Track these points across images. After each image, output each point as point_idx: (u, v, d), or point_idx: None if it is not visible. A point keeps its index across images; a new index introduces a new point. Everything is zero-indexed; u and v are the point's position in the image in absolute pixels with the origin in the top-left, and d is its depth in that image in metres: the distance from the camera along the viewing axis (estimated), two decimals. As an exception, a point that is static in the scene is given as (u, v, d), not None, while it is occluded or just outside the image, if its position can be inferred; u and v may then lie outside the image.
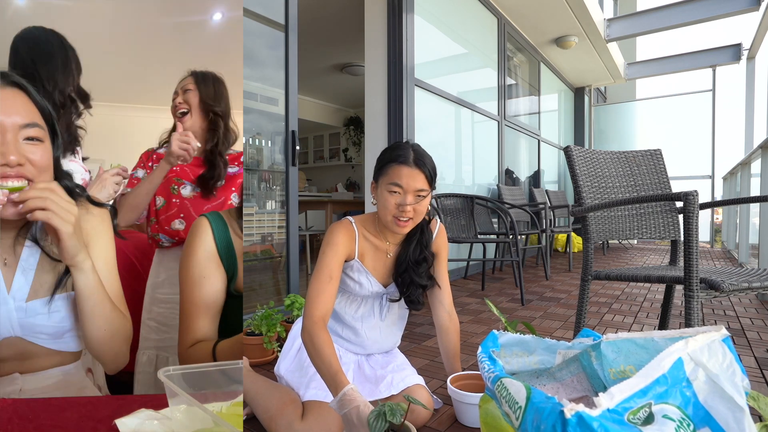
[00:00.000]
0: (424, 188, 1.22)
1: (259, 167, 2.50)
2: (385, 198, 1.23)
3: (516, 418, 0.74)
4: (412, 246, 1.33)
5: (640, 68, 7.57)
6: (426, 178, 1.22)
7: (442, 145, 4.05)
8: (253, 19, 2.37)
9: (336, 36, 5.32)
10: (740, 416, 0.70)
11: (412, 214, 1.22)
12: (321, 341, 1.09)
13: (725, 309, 2.71)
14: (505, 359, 1.04)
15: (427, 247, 1.35)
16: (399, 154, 1.22)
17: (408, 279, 1.32)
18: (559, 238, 6.30)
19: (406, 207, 1.20)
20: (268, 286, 2.54)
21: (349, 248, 1.28)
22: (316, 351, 1.09)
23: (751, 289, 1.23)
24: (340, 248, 1.24)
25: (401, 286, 1.34)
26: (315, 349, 1.09)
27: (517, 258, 3.13)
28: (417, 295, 1.34)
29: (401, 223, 1.22)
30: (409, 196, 1.20)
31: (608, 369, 0.89)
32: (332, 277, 1.20)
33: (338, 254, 1.24)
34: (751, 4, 5.09)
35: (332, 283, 1.20)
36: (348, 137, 8.53)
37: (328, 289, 1.19)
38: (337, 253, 1.24)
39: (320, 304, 1.16)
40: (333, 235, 1.26)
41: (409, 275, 1.32)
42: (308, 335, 1.12)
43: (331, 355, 1.08)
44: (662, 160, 1.89)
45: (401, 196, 1.21)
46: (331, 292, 1.19)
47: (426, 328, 2.31)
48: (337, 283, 1.22)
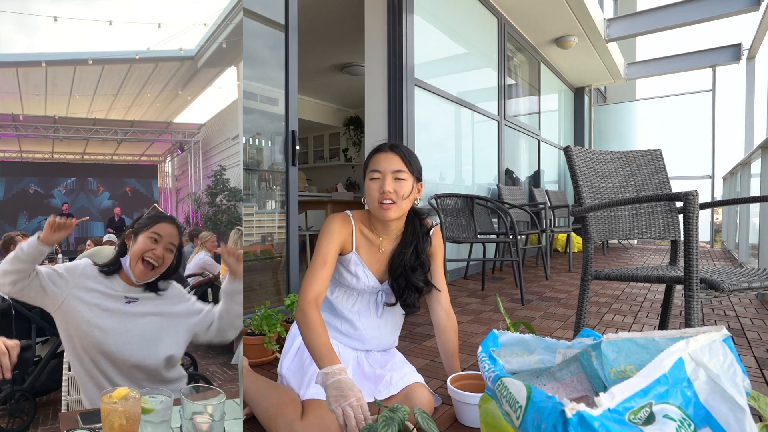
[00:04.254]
0: (401, 169, 1.28)
1: (259, 167, 2.50)
2: (369, 187, 1.29)
3: (516, 418, 0.74)
4: (408, 251, 1.35)
5: (640, 68, 7.57)
6: (402, 160, 1.28)
7: (442, 145, 4.05)
8: (253, 19, 2.37)
9: (336, 36, 5.32)
10: (741, 416, 0.70)
11: (393, 196, 1.26)
12: (313, 319, 1.16)
13: (725, 309, 2.71)
14: (506, 359, 1.04)
15: (424, 252, 1.37)
16: (377, 146, 1.33)
17: (403, 283, 1.34)
18: (559, 238, 6.30)
19: (386, 189, 1.25)
20: (268, 286, 2.54)
21: (345, 238, 1.32)
22: (308, 328, 1.15)
23: (751, 289, 1.23)
24: (334, 237, 1.30)
25: (397, 290, 1.36)
26: (307, 326, 1.15)
27: (517, 258, 3.13)
28: (413, 300, 1.36)
29: (385, 206, 1.27)
30: (387, 177, 1.27)
31: (608, 369, 0.88)
32: (326, 262, 1.27)
33: (333, 242, 1.29)
34: (751, 4, 5.09)
35: (326, 268, 1.26)
36: (348, 137, 8.53)
37: (322, 273, 1.25)
38: (331, 240, 1.29)
39: (313, 285, 1.23)
40: (330, 224, 1.32)
41: (405, 280, 1.34)
42: (301, 313, 1.18)
43: (323, 334, 1.14)
44: (662, 160, 1.89)
45: (380, 181, 1.27)
46: (324, 275, 1.25)
47: (426, 328, 2.31)
48: (331, 269, 1.28)
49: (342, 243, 1.32)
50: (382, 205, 1.26)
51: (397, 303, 1.37)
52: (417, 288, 1.35)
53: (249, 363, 1.64)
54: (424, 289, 1.38)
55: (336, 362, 1.07)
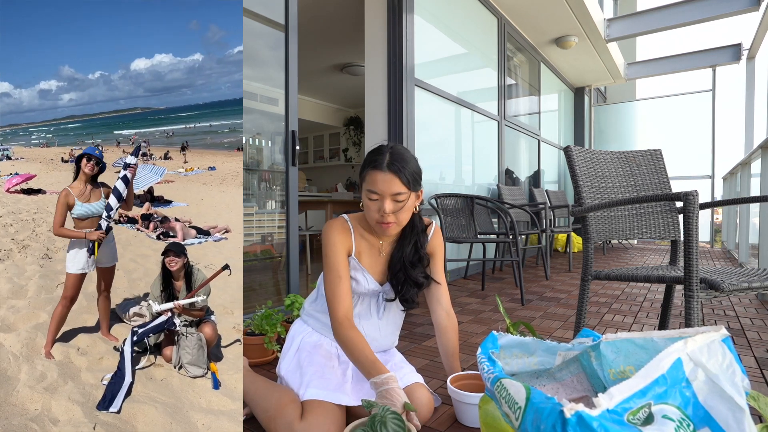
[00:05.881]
0: (401, 191, 1.22)
1: (259, 167, 2.50)
2: (366, 204, 1.26)
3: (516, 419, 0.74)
4: (407, 247, 1.35)
5: (640, 68, 7.56)
6: (402, 182, 1.21)
7: (442, 145, 4.05)
8: (253, 19, 2.37)
9: (336, 36, 5.32)
10: (740, 416, 0.70)
11: (393, 219, 1.23)
12: (351, 337, 1.19)
13: (725, 309, 2.71)
14: (505, 360, 1.04)
15: (423, 247, 1.38)
16: (374, 159, 1.24)
17: (402, 278, 1.35)
18: (559, 238, 6.30)
19: (386, 211, 1.22)
20: (268, 286, 2.54)
21: (347, 244, 1.32)
22: (350, 348, 1.18)
23: (751, 289, 1.23)
24: (338, 247, 1.30)
25: (396, 285, 1.36)
26: (349, 347, 1.18)
27: (517, 258, 3.13)
28: (412, 294, 1.36)
29: (385, 226, 1.25)
30: (386, 200, 1.22)
31: (608, 369, 0.89)
32: (341, 276, 1.27)
33: (339, 253, 1.29)
34: (751, 4, 5.09)
35: (343, 282, 1.27)
36: (348, 137, 8.53)
37: (342, 288, 1.26)
38: (337, 252, 1.29)
39: (340, 304, 1.25)
40: (329, 234, 1.31)
41: (404, 274, 1.35)
42: (338, 337, 1.22)
43: (365, 348, 1.17)
44: (662, 160, 1.89)
45: (379, 202, 1.23)
46: (344, 290, 1.27)
47: (426, 328, 2.31)
48: (347, 280, 1.29)
49: (346, 250, 1.32)
50: (382, 225, 1.25)
51: (396, 299, 1.38)
52: (416, 283, 1.36)
53: (249, 363, 1.64)
54: (424, 284, 1.38)
55: (383, 371, 1.11)
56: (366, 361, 1.14)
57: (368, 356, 1.15)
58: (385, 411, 0.99)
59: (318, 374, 1.24)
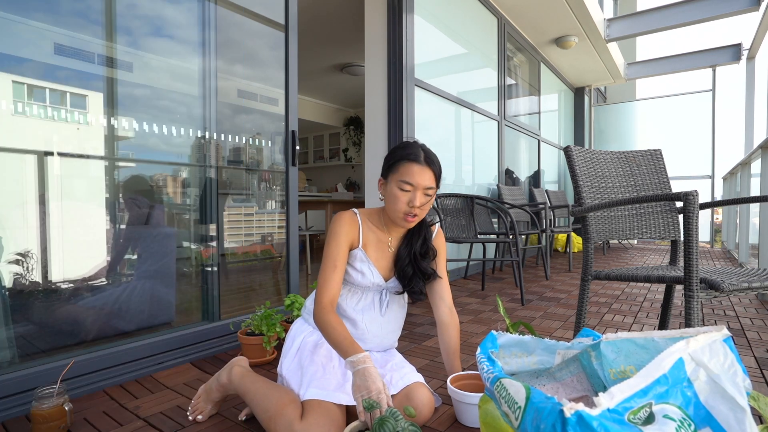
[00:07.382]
0: (432, 186, 1.29)
1: (259, 167, 2.50)
2: (395, 195, 1.29)
3: (515, 418, 0.74)
4: (417, 241, 1.40)
5: (640, 68, 7.57)
6: (434, 177, 1.30)
7: (442, 145, 4.05)
8: (253, 19, 2.36)
9: (336, 36, 5.32)
10: (741, 416, 0.70)
11: (419, 211, 1.29)
12: (330, 321, 1.20)
13: (725, 309, 2.71)
14: (504, 360, 1.04)
15: (430, 239, 1.43)
16: (410, 152, 1.29)
17: (411, 271, 1.38)
18: (559, 238, 6.29)
19: (416, 205, 1.27)
20: (268, 286, 2.54)
21: (352, 237, 1.35)
22: (328, 330, 1.18)
23: (751, 289, 1.23)
24: (342, 238, 1.32)
25: (404, 278, 1.39)
26: (327, 329, 1.19)
27: (517, 258, 3.13)
28: (420, 286, 1.40)
29: (410, 219, 1.29)
30: (418, 193, 1.27)
31: (608, 369, 0.88)
32: (337, 266, 1.29)
33: (341, 244, 1.31)
34: (751, 4, 5.09)
35: (337, 271, 1.29)
36: (348, 137, 8.53)
37: (334, 276, 1.28)
38: (339, 242, 1.31)
39: (327, 290, 1.26)
40: (336, 224, 1.34)
41: (413, 267, 1.38)
42: (319, 319, 1.22)
43: (343, 331, 1.17)
44: (662, 160, 1.89)
45: (411, 194, 1.28)
46: (336, 279, 1.29)
47: (426, 328, 2.31)
48: (342, 271, 1.30)
49: (350, 242, 1.34)
50: (408, 217, 1.29)
51: (404, 292, 1.41)
52: (426, 273, 1.39)
53: (249, 363, 1.63)
54: (433, 274, 1.42)
55: (359, 351, 1.12)
56: (344, 341, 1.15)
57: (346, 337, 1.16)
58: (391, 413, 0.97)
59: (318, 374, 1.24)
